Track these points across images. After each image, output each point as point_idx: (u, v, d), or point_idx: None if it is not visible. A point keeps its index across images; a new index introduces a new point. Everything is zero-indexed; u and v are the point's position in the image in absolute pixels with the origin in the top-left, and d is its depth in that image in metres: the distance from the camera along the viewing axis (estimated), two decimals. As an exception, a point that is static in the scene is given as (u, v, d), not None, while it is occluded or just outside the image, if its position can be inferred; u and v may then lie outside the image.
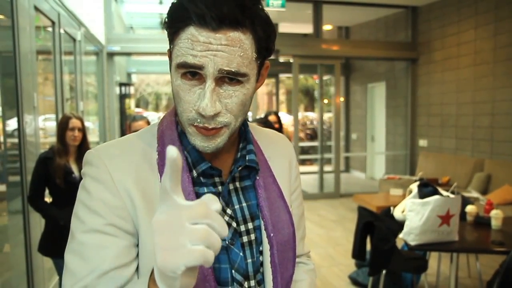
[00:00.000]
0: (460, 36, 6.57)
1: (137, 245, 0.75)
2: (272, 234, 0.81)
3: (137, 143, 0.80)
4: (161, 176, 0.75)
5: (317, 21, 7.69)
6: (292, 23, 8.99)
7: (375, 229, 3.06)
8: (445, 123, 6.99)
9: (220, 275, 0.77)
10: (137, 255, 0.76)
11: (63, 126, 2.74)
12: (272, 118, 3.93)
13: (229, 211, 0.79)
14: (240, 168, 0.80)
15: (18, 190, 3.02)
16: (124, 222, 0.73)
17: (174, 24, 0.69)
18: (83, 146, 2.79)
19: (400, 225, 3.01)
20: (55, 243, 2.68)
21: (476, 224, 3.19)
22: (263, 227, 0.82)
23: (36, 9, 3.35)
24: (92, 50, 6.27)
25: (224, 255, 0.78)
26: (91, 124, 6.29)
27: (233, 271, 0.78)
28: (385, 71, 8.91)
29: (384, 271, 3.15)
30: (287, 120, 15.92)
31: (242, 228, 0.81)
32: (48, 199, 2.82)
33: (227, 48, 0.66)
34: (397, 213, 3.21)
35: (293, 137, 7.47)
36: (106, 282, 0.69)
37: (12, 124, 3.08)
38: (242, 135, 0.86)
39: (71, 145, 2.75)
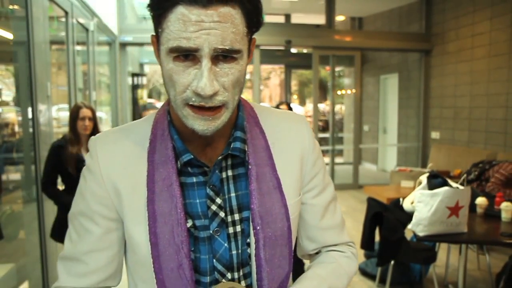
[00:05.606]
0: (475, 27, 6.46)
1: (121, 232, 0.82)
2: (258, 227, 0.78)
3: (132, 131, 0.83)
4: (149, 165, 0.78)
5: (330, 12, 7.62)
6: (305, 14, 8.93)
7: (384, 220, 3.06)
8: (458, 115, 6.91)
9: (199, 265, 0.78)
10: (119, 241, 0.83)
11: (73, 115, 2.78)
12: (283, 107, 3.94)
13: (218, 200, 0.79)
14: (221, 157, 0.78)
15: (32, 178, 3.09)
16: (108, 210, 0.80)
17: (161, 4, 0.66)
18: (95, 135, 2.83)
19: (409, 216, 3.01)
20: (67, 229, 2.74)
21: (486, 216, 3.17)
22: (251, 219, 0.79)
23: (50, -1, 3.39)
24: (104, 40, 6.32)
25: (205, 245, 0.78)
26: (103, 114, 6.36)
27: (214, 260, 0.78)
28: (398, 62, 8.81)
29: (392, 262, 3.16)
30: (299, 111, 15.89)
31: (229, 218, 0.79)
32: (60, 186, 2.88)
33: (219, 25, 0.64)
34: (406, 204, 3.21)
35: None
36: (76, 265, 0.81)
37: (27, 113, 3.14)
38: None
39: (82, 134, 2.79)
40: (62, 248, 2.81)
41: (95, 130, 2.84)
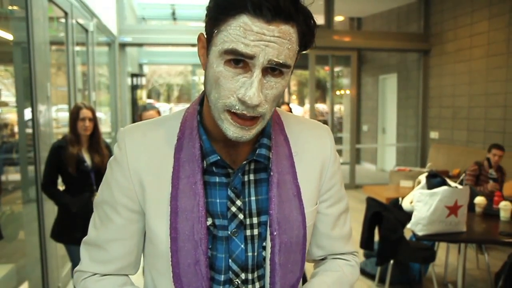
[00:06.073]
0: (473, 27, 6.48)
1: (142, 224, 0.84)
2: (275, 233, 0.79)
3: (162, 127, 0.84)
4: (175, 162, 0.79)
5: (329, 12, 7.63)
6: (303, 14, 8.93)
7: (383, 219, 3.07)
8: (457, 115, 6.93)
9: (215, 262, 0.80)
10: (140, 232, 0.85)
11: (74, 116, 2.79)
12: (284, 108, 3.95)
13: (238, 202, 0.80)
14: (246, 162, 0.80)
15: (32, 179, 3.09)
16: (131, 202, 0.81)
17: (225, 10, 0.67)
18: (95, 135, 2.84)
19: (408, 215, 3.02)
20: (67, 229, 2.75)
21: (485, 215, 3.19)
22: (268, 224, 0.81)
23: (49, 0, 3.39)
24: (104, 41, 6.32)
25: (222, 245, 0.80)
26: (103, 114, 6.36)
27: (230, 260, 0.80)
28: (396, 62, 8.84)
29: (392, 261, 3.17)
30: (298, 112, 15.90)
31: (248, 221, 0.81)
32: (61, 187, 2.89)
33: (278, 40, 0.66)
34: (405, 203, 3.22)
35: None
36: (97, 252, 0.84)
37: (27, 114, 3.15)
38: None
39: (82, 135, 2.79)
40: (62, 248, 2.79)
41: (95, 131, 2.84)
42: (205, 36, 0.74)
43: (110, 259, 0.83)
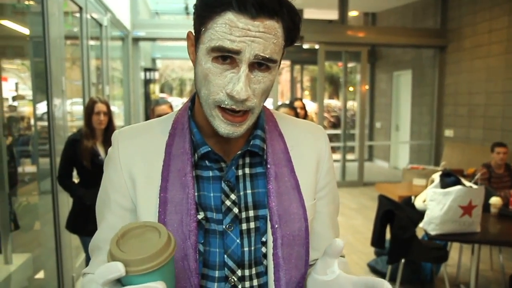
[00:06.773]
0: (492, 22, 6.36)
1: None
2: (276, 226, 0.78)
3: (154, 127, 0.86)
4: (166, 156, 0.80)
5: (343, 7, 7.57)
6: (317, 9, 8.88)
7: (395, 217, 3.05)
8: (473, 113, 6.82)
9: (208, 258, 0.78)
10: None
11: (89, 110, 2.82)
12: (298, 104, 3.93)
13: (233, 196, 0.80)
14: (239, 152, 0.79)
15: (47, 171, 3.14)
16: (123, 199, 0.81)
17: (211, 8, 0.69)
18: (110, 129, 2.86)
19: (420, 214, 3.00)
20: (81, 221, 2.79)
21: (500, 216, 3.14)
22: (268, 217, 0.80)
23: (65, -6, 3.42)
24: (118, 36, 6.36)
25: (216, 239, 0.78)
26: (116, 108, 6.42)
27: (225, 256, 0.78)
28: (411, 59, 8.72)
29: (403, 260, 3.15)
30: (310, 107, 15.83)
31: (243, 215, 0.80)
32: (76, 179, 2.93)
33: (264, 35, 0.68)
34: (418, 202, 3.19)
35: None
36: (98, 253, 0.82)
37: (42, 107, 3.19)
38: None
39: (97, 129, 2.83)
40: (76, 239, 2.83)
41: (110, 125, 2.87)
42: (193, 34, 0.76)
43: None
